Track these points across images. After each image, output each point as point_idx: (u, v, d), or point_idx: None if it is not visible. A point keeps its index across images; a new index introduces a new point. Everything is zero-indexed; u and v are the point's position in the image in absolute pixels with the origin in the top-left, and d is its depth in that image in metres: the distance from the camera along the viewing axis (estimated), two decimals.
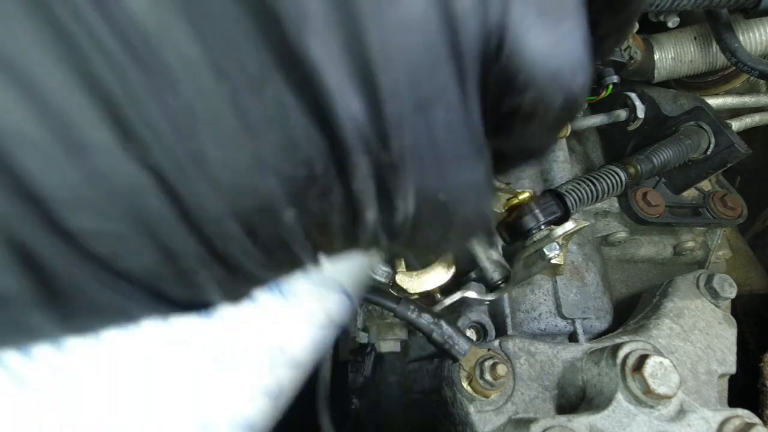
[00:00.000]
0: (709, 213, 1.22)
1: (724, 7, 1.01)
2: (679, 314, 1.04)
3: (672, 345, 0.99)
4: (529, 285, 1.12)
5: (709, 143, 1.14)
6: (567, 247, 1.04)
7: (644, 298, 1.17)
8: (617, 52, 1.04)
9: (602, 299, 1.14)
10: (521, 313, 1.10)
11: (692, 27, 1.27)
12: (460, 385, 0.86)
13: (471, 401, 0.86)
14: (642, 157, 1.09)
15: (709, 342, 1.01)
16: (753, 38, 1.20)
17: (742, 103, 1.34)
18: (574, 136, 1.31)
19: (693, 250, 1.29)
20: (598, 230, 1.23)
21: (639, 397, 0.79)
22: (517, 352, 0.92)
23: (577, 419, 0.78)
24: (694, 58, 1.27)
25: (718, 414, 0.80)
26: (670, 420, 0.79)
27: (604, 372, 0.84)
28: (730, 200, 1.22)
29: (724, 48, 1.11)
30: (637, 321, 1.08)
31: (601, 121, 1.19)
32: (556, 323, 1.09)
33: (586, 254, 1.17)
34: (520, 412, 0.85)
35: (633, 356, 0.81)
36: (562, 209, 0.97)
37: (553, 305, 1.11)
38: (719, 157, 1.14)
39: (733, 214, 1.22)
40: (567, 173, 1.19)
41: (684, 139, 1.12)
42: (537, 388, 0.89)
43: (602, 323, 1.12)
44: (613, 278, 1.27)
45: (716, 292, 1.07)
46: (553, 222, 0.96)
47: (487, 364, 0.83)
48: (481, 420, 0.84)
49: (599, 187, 1.03)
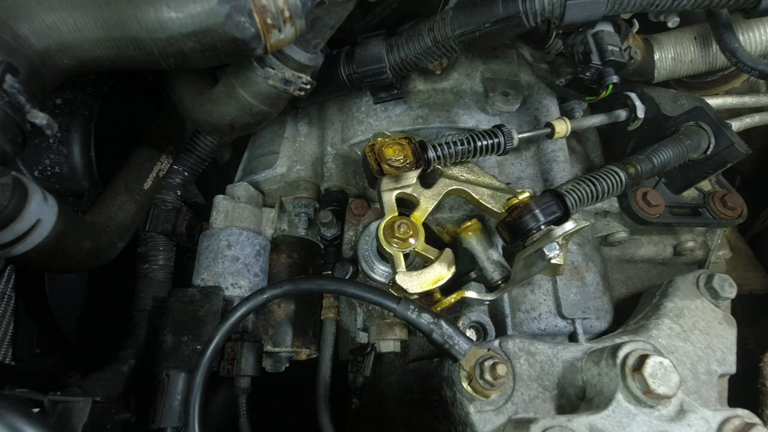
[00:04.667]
0: (709, 213, 1.22)
1: (724, 7, 1.01)
2: (679, 314, 1.04)
3: (672, 345, 0.99)
4: (529, 285, 1.12)
5: (709, 143, 1.14)
6: (567, 247, 1.04)
7: (644, 298, 1.17)
8: (617, 52, 1.04)
9: (602, 299, 1.14)
10: (521, 313, 1.10)
11: (692, 27, 1.27)
12: (460, 385, 0.86)
13: (471, 401, 0.86)
14: (642, 157, 1.09)
15: (709, 342, 1.02)
16: (753, 38, 1.20)
17: (742, 103, 1.34)
18: (574, 136, 1.31)
19: (693, 250, 1.29)
20: (598, 230, 1.23)
21: (639, 397, 0.79)
22: (517, 352, 0.92)
23: (577, 419, 0.78)
24: (694, 58, 1.27)
25: (718, 414, 0.80)
26: (670, 420, 0.79)
27: (604, 372, 0.84)
28: (730, 200, 1.22)
29: (724, 48, 1.11)
30: (637, 321, 1.08)
31: (601, 121, 1.19)
32: (556, 323, 1.09)
33: (586, 254, 1.17)
34: (520, 412, 0.86)
35: (633, 356, 0.81)
36: (562, 209, 0.97)
37: (553, 305, 1.11)
38: (719, 157, 1.14)
39: (733, 214, 1.22)
40: (567, 173, 1.19)
41: (684, 139, 1.12)
42: (537, 388, 0.89)
43: (602, 323, 1.12)
44: (613, 278, 1.27)
45: (716, 292, 1.07)
46: (553, 222, 0.96)
47: (487, 364, 0.83)
48: (481, 420, 0.84)
49: (599, 187, 1.03)
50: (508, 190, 1.07)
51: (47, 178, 1.05)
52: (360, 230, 1.20)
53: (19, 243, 0.71)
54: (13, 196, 0.67)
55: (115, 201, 1.04)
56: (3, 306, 1.06)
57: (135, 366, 1.10)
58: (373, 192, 1.20)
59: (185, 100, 1.05)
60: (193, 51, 0.75)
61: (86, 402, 0.87)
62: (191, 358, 1.00)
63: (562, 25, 0.95)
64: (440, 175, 1.08)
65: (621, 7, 0.95)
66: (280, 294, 0.94)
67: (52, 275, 1.15)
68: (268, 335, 1.13)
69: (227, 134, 1.05)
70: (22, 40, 0.70)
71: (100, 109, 1.10)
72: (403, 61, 1.06)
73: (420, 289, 0.97)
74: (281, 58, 0.89)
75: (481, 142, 1.05)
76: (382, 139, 1.03)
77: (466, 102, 1.24)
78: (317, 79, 0.99)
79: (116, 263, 0.99)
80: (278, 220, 1.30)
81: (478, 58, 1.28)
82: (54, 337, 1.15)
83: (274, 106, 0.97)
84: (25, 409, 0.60)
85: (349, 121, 1.28)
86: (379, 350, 1.11)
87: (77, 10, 0.72)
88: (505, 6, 0.93)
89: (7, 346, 1.06)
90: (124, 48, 0.74)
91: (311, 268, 1.27)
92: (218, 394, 1.30)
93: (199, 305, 1.06)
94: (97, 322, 1.25)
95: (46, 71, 0.74)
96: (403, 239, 0.99)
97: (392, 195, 1.03)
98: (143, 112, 1.31)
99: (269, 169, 1.28)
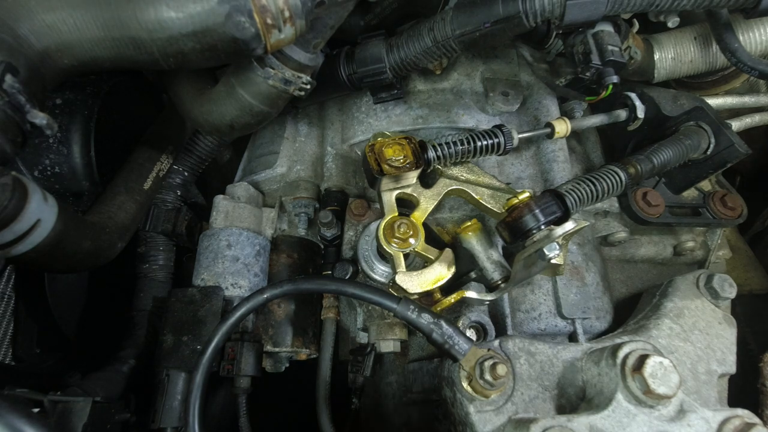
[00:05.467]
0: (709, 213, 1.22)
1: (724, 7, 1.01)
2: (679, 314, 1.04)
3: (672, 345, 0.99)
4: (529, 285, 1.12)
5: (709, 143, 1.14)
6: (567, 247, 1.04)
7: (644, 298, 1.17)
8: (617, 52, 1.04)
9: (602, 299, 1.14)
10: (521, 313, 1.10)
11: (692, 27, 1.27)
12: (460, 385, 0.86)
13: (471, 401, 0.86)
14: (642, 157, 1.09)
15: (709, 342, 1.01)
16: (753, 38, 1.20)
17: (742, 103, 1.34)
18: (574, 136, 1.31)
19: (693, 250, 1.29)
20: (598, 230, 1.23)
21: (639, 397, 0.79)
22: (517, 352, 0.92)
23: (577, 419, 0.78)
24: (694, 58, 1.27)
25: (718, 414, 0.80)
26: (670, 420, 0.79)
27: (604, 372, 0.84)
28: (730, 200, 1.22)
29: (724, 48, 1.11)
30: (637, 321, 1.08)
31: (601, 121, 1.18)
32: (556, 323, 1.09)
33: (586, 254, 1.16)
34: (520, 412, 0.85)
35: (633, 356, 0.81)
36: (562, 209, 0.97)
37: (553, 305, 1.11)
38: (719, 157, 1.14)
39: (733, 214, 1.22)
40: (567, 173, 1.19)
41: (684, 139, 1.12)
42: (537, 388, 0.89)
43: (602, 323, 1.12)
44: (613, 278, 1.27)
45: (716, 292, 1.07)
46: (553, 222, 0.96)
47: (487, 364, 0.83)
48: (481, 420, 0.84)
49: (599, 187, 1.03)
50: (508, 190, 1.07)
51: (47, 178, 1.05)
52: (360, 230, 1.20)
53: (19, 243, 0.71)
54: (13, 196, 0.67)
55: (115, 201, 1.04)
56: (3, 306, 1.06)
57: (135, 366, 1.10)
58: (373, 192, 1.20)
59: (185, 100, 1.05)
60: (193, 51, 0.75)
61: (86, 402, 0.87)
62: (191, 358, 1.00)
63: (562, 25, 0.95)
64: (440, 175, 1.08)
65: (621, 7, 0.95)
66: (280, 294, 0.94)
67: (52, 275, 1.15)
68: (268, 335, 1.13)
69: (227, 134, 1.05)
70: (22, 40, 0.70)
71: (100, 109, 1.10)
72: (403, 61, 1.06)
73: (420, 289, 0.97)
74: (281, 58, 0.89)
75: (481, 142, 1.05)
76: (382, 139, 1.03)
77: (466, 102, 1.24)
78: (317, 79, 0.99)
79: (116, 263, 0.99)
80: (278, 220, 1.30)
81: (478, 58, 1.28)
82: (54, 337, 1.15)
83: (274, 106, 0.97)
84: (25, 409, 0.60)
85: (349, 121, 1.28)
86: (379, 350, 1.11)
87: (77, 9, 0.72)
88: (505, 6, 0.93)
89: (7, 346, 1.06)
90: (124, 48, 0.74)
91: (311, 268, 1.27)
92: (218, 394, 1.30)
93: (199, 305, 1.06)
94: (97, 322, 1.25)
95: (46, 71, 0.74)
96: (403, 239, 0.99)
97: (392, 195, 1.03)
98: (143, 112, 1.31)
99: (269, 169, 1.28)
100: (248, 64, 0.89)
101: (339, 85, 1.12)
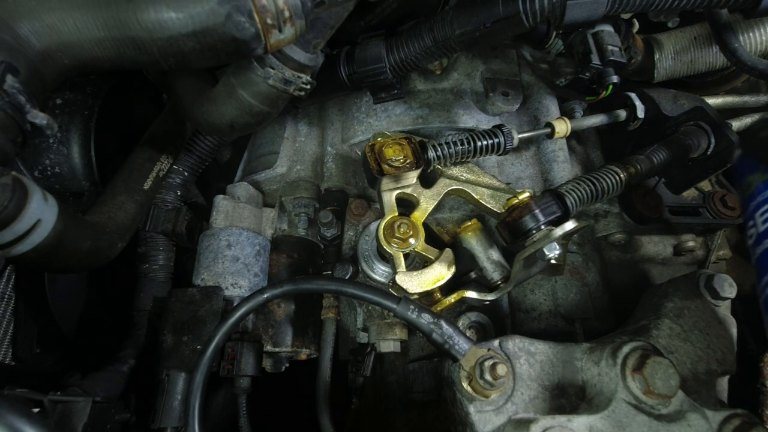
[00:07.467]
0: (709, 213, 1.22)
1: (724, 7, 1.01)
2: (679, 314, 1.04)
3: (672, 345, 0.99)
4: (529, 285, 1.12)
5: (709, 143, 1.14)
6: (567, 247, 1.04)
7: (644, 298, 1.17)
8: (617, 52, 1.04)
9: (602, 299, 1.14)
10: (521, 313, 1.10)
11: (692, 27, 1.27)
12: (460, 385, 0.86)
13: (471, 401, 0.86)
14: (642, 157, 1.09)
15: (709, 342, 1.01)
16: (753, 38, 1.20)
17: (743, 102, 1.34)
18: (574, 136, 1.31)
19: (693, 250, 1.29)
20: (598, 230, 1.23)
21: (639, 397, 0.79)
22: (517, 352, 0.92)
23: (577, 419, 0.78)
24: (694, 58, 1.27)
25: (718, 414, 0.80)
26: (670, 420, 0.79)
27: (604, 372, 0.84)
28: (730, 200, 1.22)
29: (724, 48, 1.11)
30: (637, 321, 1.08)
31: (601, 121, 1.19)
32: (556, 323, 1.09)
33: (586, 254, 1.17)
34: (520, 412, 0.85)
35: (633, 356, 0.81)
36: (562, 209, 0.97)
37: (553, 305, 1.11)
38: (719, 157, 1.14)
39: (733, 214, 1.22)
40: (567, 173, 1.19)
41: (684, 138, 1.12)
42: (537, 388, 0.89)
43: (602, 323, 1.12)
44: (613, 278, 1.27)
45: (716, 292, 1.07)
46: (553, 222, 0.96)
47: (487, 364, 0.83)
48: (481, 420, 0.84)
49: (599, 187, 1.03)
50: (508, 190, 1.07)
51: (47, 178, 1.05)
52: (360, 230, 1.20)
53: (19, 243, 0.71)
54: (13, 196, 0.67)
55: (115, 201, 1.04)
56: (3, 306, 1.06)
57: (135, 366, 1.10)
58: (373, 192, 1.20)
59: (185, 100, 1.05)
60: (193, 51, 0.75)
61: (86, 402, 0.87)
62: (191, 358, 1.00)
63: (562, 25, 0.95)
64: (440, 175, 1.08)
65: (621, 7, 0.95)
66: (280, 294, 0.94)
67: (52, 275, 1.15)
68: (268, 335, 1.13)
69: (227, 134, 1.05)
70: (22, 40, 0.70)
71: (100, 109, 1.10)
72: (403, 61, 1.06)
73: (420, 289, 0.97)
74: (281, 58, 0.89)
75: (481, 142, 1.05)
76: (382, 139, 1.03)
77: (466, 102, 1.24)
78: (317, 79, 0.99)
79: (116, 263, 0.99)
80: (278, 220, 1.30)
81: (478, 58, 1.28)
82: (54, 337, 1.15)
83: (274, 106, 0.97)
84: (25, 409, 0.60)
85: (349, 121, 1.28)
86: (379, 350, 1.11)
87: (77, 10, 0.72)
88: (505, 6, 0.93)
89: (7, 346, 1.06)
90: (124, 48, 0.74)
91: (311, 268, 1.27)
92: (218, 394, 1.29)
93: (199, 305, 1.06)
94: (97, 322, 1.25)
95: (46, 71, 0.74)
96: (403, 239, 0.99)
97: (392, 195, 1.03)
98: (143, 112, 1.31)
99: (269, 169, 1.28)
100: (248, 64, 0.89)
101: (339, 85, 1.12)
